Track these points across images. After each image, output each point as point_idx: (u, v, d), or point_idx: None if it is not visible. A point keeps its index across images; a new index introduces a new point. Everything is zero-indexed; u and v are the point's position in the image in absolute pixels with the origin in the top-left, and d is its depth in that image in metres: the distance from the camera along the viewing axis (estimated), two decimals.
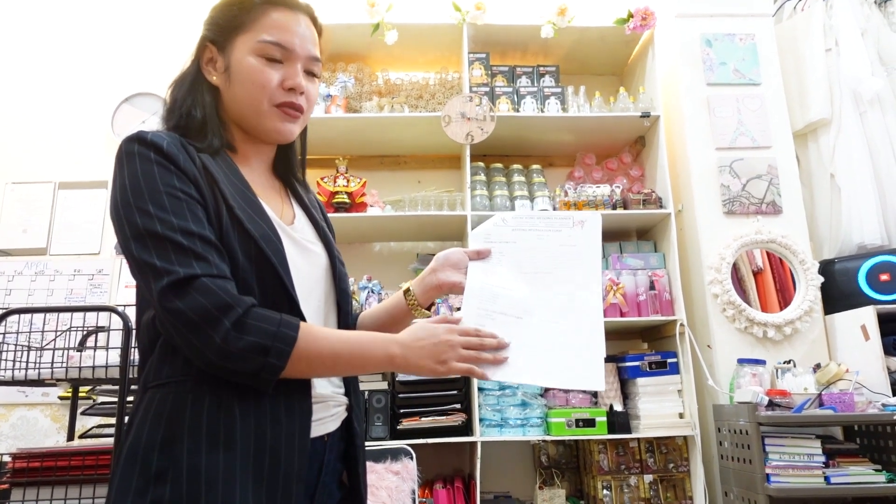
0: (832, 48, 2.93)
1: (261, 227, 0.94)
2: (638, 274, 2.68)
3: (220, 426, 0.86)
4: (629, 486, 2.52)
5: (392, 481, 2.26)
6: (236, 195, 0.95)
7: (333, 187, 2.70)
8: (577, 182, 2.97)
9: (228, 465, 0.85)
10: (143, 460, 0.85)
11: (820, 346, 2.57)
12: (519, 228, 1.19)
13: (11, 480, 1.63)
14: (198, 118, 1.00)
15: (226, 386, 0.88)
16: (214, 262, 0.87)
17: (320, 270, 1.06)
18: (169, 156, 0.91)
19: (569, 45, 3.06)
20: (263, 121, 1.02)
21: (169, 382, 0.89)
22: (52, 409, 2.82)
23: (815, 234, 2.85)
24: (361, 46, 3.00)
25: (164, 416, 0.87)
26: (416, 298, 1.16)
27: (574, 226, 1.18)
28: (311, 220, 1.11)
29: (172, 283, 0.84)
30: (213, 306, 0.84)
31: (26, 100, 3.19)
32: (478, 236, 1.20)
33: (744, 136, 2.78)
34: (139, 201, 0.87)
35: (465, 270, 1.15)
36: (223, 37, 1.03)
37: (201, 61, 1.05)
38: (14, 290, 2.94)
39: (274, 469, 0.88)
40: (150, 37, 3.21)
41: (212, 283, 0.85)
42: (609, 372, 2.63)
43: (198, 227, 0.88)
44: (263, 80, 1.00)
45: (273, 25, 1.02)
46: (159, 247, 0.85)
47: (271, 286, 0.93)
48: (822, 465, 2.13)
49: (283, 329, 0.88)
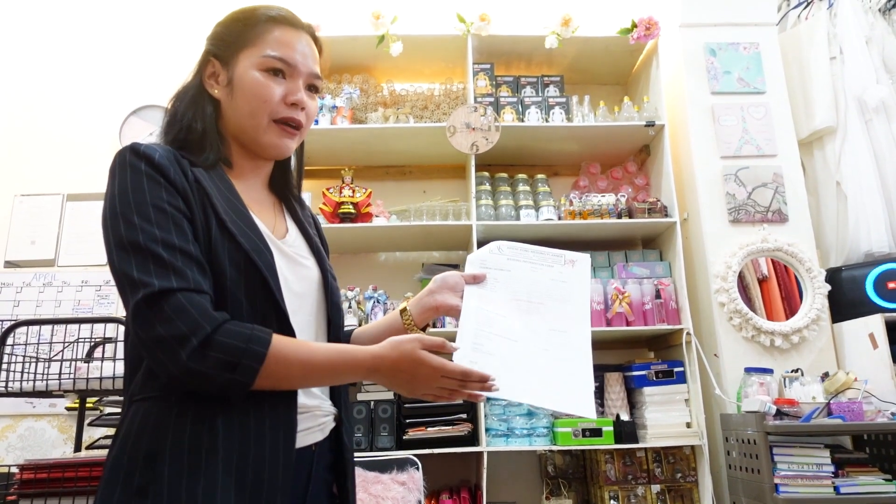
0: (837, 56, 2.93)
1: (252, 240, 0.95)
2: (644, 283, 2.67)
3: (202, 441, 0.86)
4: (636, 496, 2.50)
5: (398, 492, 2.25)
6: (228, 209, 0.96)
7: (339, 198, 2.71)
8: (582, 191, 2.97)
9: (211, 480, 0.85)
10: (127, 474, 0.85)
11: (828, 355, 2.55)
12: (514, 259, 1.22)
13: (19, 492, 1.63)
14: (198, 131, 1.01)
15: (210, 400, 0.88)
16: (193, 276, 0.87)
17: (311, 284, 1.06)
18: (159, 168, 0.91)
19: (573, 56, 3.07)
20: (262, 135, 1.03)
21: (153, 396, 0.89)
22: (60, 420, 2.83)
23: (822, 242, 2.84)
24: (367, 58, 3.02)
25: (148, 431, 0.87)
26: (413, 319, 1.16)
27: (565, 264, 1.23)
28: (304, 235, 1.12)
29: (147, 297, 0.84)
30: (183, 323, 0.84)
31: (35, 112, 3.22)
32: (474, 262, 1.22)
33: (749, 145, 2.78)
34: (126, 211, 0.88)
35: (461, 294, 1.16)
36: (227, 51, 1.05)
37: (204, 75, 1.06)
38: (22, 301, 2.96)
39: (258, 483, 0.88)
40: (157, 50, 3.24)
41: (185, 299, 0.85)
42: (615, 381, 2.62)
43: (181, 240, 0.88)
44: (266, 94, 1.02)
45: (277, 41, 1.04)
46: (139, 258, 0.86)
47: (261, 299, 0.93)
48: (831, 475, 2.12)
49: (252, 345, 0.87)
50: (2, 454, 2.76)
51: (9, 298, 2.96)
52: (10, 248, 3.04)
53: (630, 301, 2.62)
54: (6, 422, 2.80)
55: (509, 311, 1.15)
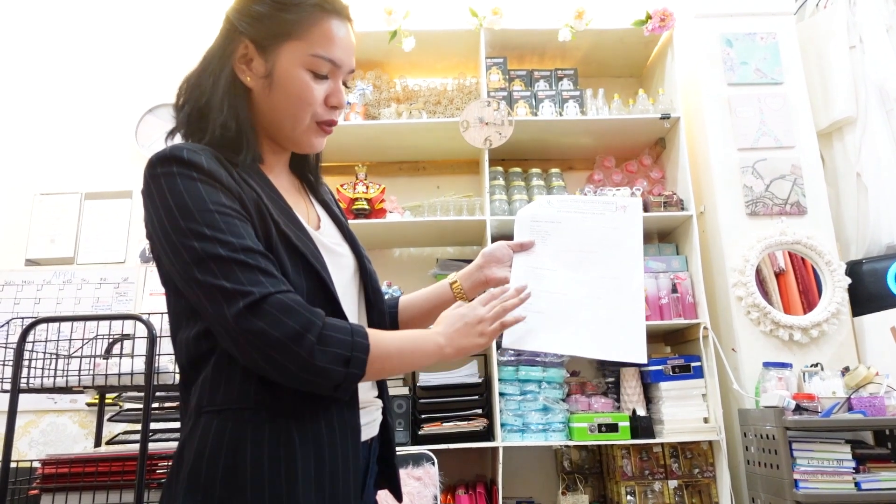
0: (856, 45, 2.87)
1: (305, 243, 0.94)
2: (660, 277, 2.65)
3: (280, 453, 0.86)
4: (653, 491, 2.49)
5: (414, 487, 2.26)
6: (276, 209, 0.94)
7: (353, 194, 2.72)
8: (596, 185, 2.95)
9: (291, 493, 0.85)
10: (206, 490, 0.84)
11: (848, 349, 2.51)
12: (564, 210, 1.23)
13: (41, 486, 1.66)
14: (232, 129, 0.94)
15: (282, 412, 0.88)
16: (279, 276, 0.86)
17: (349, 272, 1.06)
18: (211, 173, 0.87)
19: (587, 48, 3.04)
20: (301, 135, 1.00)
21: (226, 409, 0.88)
22: (81, 416, 2.87)
23: (842, 234, 2.79)
24: (379, 53, 3.02)
25: (224, 445, 0.86)
26: (464, 290, 1.20)
27: (616, 210, 1.23)
28: (335, 220, 1.11)
29: (249, 305, 0.81)
30: (295, 322, 0.83)
31: (52, 113, 3.26)
32: (524, 217, 1.24)
33: (766, 136, 2.74)
34: (191, 224, 0.84)
35: (509, 265, 1.19)
36: (268, 39, 0.95)
37: (234, 57, 0.96)
38: (43, 298, 3.00)
39: (334, 487, 0.88)
40: (172, 48, 3.27)
41: (287, 299, 0.84)
42: (632, 376, 2.60)
43: (255, 243, 0.86)
44: (311, 98, 0.96)
45: (327, 37, 0.96)
46: (225, 269, 0.83)
47: (320, 300, 0.92)
48: (852, 471, 2.08)
49: (357, 338, 0.88)
50: (24, 449, 2.81)
51: (30, 296, 3.00)
52: (31, 246, 3.08)
53: (646, 295, 2.59)
54: (29, 417, 2.85)
55: (560, 264, 1.17)
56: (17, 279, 3.03)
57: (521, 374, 2.52)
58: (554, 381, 2.54)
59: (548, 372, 2.53)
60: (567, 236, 1.20)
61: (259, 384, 0.87)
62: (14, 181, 3.17)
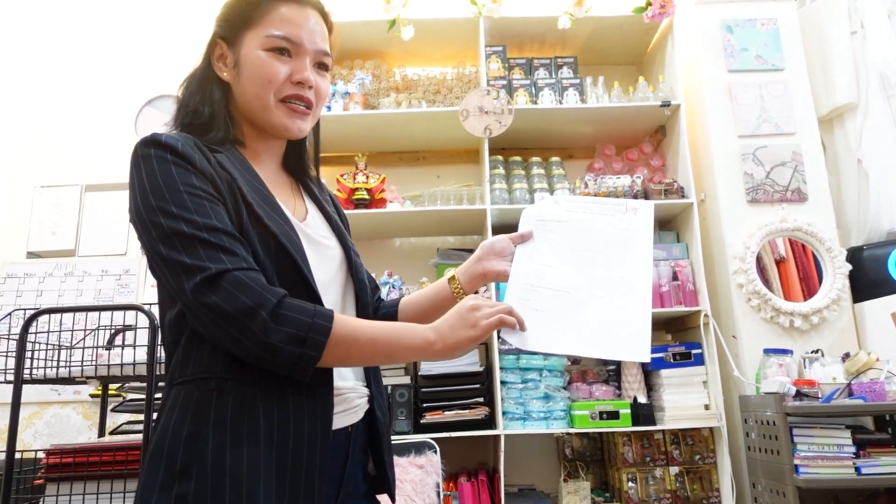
0: (858, 31, 2.86)
1: (279, 223, 0.95)
2: (660, 265, 2.65)
3: (243, 422, 0.88)
4: (655, 478, 2.50)
5: (416, 475, 2.27)
6: (253, 192, 0.96)
7: (353, 184, 2.72)
8: (597, 173, 2.95)
9: (252, 460, 0.86)
10: (169, 456, 0.87)
11: (849, 335, 2.52)
12: (572, 210, 1.20)
13: (46, 476, 1.67)
14: (204, 115, 1.01)
15: (250, 382, 0.89)
16: (242, 255, 0.89)
17: (335, 264, 1.06)
18: (185, 156, 0.92)
19: (586, 36, 3.03)
20: (270, 116, 1.02)
21: (194, 379, 0.91)
22: (84, 407, 2.89)
23: (843, 220, 2.79)
24: (378, 43, 3.00)
25: (189, 413, 0.88)
26: (462, 286, 1.17)
27: (627, 212, 1.19)
28: (324, 215, 1.12)
29: (206, 279, 0.85)
30: (248, 298, 0.85)
31: (52, 105, 3.26)
32: (530, 216, 1.21)
33: (767, 123, 2.74)
34: (161, 202, 0.88)
35: (510, 258, 1.16)
36: (233, 32, 1.04)
37: (212, 58, 1.05)
38: (45, 290, 3.01)
39: (296, 463, 0.89)
40: (171, 40, 3.25)
41: (244, 276, 0.86)
42: (632, 364, 2.61)
43: (221, 222, 0.89)
44: (271, 74, 1.01)
45: (281, 19, 1.02)
46: (187, 245, 0.86)
47: (291, 282, 0.93)
48: (852, 456, 2.09)
49: (317, 320, 0.88)
50: (29, 440, 2.83)
51: (32, 288, 3.01)
52: (32, 238, 3.08)
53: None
54: (33, 409, 2.86)
55: (563, 261, 1.14)
56: (19, 272, 3.03)
57: (522, 362, 2.53)
58: (555, 369, 2.55)
59: (549, 360, 2.54)
60: (573, 235, 1.16)
61: (227, 357, 0.90)
62: (14, 174, 3.17)
